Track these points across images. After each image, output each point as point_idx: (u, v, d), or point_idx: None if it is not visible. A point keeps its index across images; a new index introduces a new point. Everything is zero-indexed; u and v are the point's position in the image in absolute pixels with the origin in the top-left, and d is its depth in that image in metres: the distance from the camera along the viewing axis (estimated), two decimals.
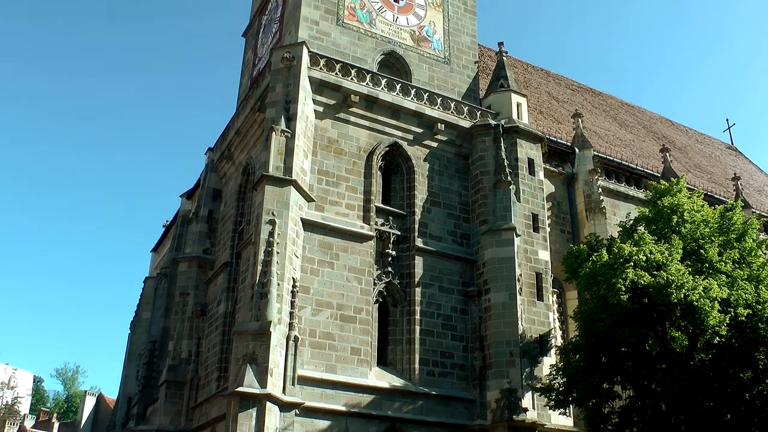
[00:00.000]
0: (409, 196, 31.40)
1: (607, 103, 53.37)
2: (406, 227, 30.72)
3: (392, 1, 35.78)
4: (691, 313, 23.94)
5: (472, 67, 36.59)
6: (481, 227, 31.49)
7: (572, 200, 36.56)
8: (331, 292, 27.94)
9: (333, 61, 31.51)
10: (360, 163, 30.78)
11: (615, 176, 39.44)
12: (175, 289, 36.51)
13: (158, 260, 49.27)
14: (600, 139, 42.84)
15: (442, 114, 33.05)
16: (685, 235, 27.14)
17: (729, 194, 43.76)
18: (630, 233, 28.45)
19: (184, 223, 39.46)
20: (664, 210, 28.23)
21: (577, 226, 35.92)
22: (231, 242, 33.35)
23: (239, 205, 33.86)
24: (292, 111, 28.83)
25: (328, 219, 28.96)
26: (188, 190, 41.77)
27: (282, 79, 29.69)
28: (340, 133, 30.90)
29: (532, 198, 32.70)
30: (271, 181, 27.06)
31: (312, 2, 33.41)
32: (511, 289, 29.63)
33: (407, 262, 30.14)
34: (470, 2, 38.47)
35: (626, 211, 36.30)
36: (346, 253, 28.84)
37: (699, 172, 49.05)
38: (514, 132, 33.38)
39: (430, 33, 36.11)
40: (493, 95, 35.12)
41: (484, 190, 32.16)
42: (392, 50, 34.51)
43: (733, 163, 57.43)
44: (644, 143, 48.44)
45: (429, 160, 32.47)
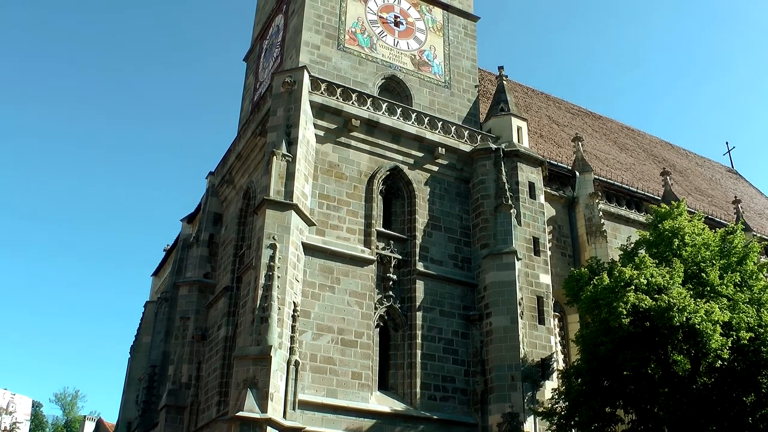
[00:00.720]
0: (410, 220, 31.40)
1: (607, 127, 53.49)
2: (407, 251, 30.69)
3: (393, 26, 35.99)
4: (693, 337, 23.88)
5: (472, 91, 36.72)
6: (482, 251, 31.46)
7: (573, 224, 36.54)
8: (331, 316, 27.87)
9: (334, 86, 31.63)
10: (361, 188, 30.81)
11: (616, 200, 39.46)
12: (175, 314, 36.41)
13: (159, 284, 49.20)
14: (600, 163, 42.89)
15: (442, 138, 33.12)
16: (686, 259, 27.11)
17: (730, 217, 43.76)
18: (631, 257, 28.40)
19: (185, 247, 39.44)
20: (665, 233, 28.22)
21: (578, 250, 35.89)
22: (232, 266, 33.30)
23: (240, 230, 33.84)
24: (293, 135, 28.90)
25: (329, 243, 28.94)
26: (189, 215, 41.81)
27: (283, 103, 29.78)
28: (341, 157, 30.95)
29: (533, 222, 32.69)
30: (272, 206, 27.07)
31: (313, 27, 33.61)
32: (512, 313, 29.56)
33: (408, 286, 30.08)
34: (470, 27, 38.69)
35: (627, 234, 36.26)
36: (347, 278, 28.79)
37: (699, 196, 49.08)
38: (515, 156, 33.42)
39: (431, 57, 36.28)
40: (494, 119, 35.22)
41: (485, 213, 32.16)
42: (393, 74, 34.66)
43: (733, 186, 57.47)
44: (645, 166, 48.49)
45: (430, 184, 32.50)
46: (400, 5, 36.87)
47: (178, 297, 36.36)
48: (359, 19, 35.16)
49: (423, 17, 37.24)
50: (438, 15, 37.87)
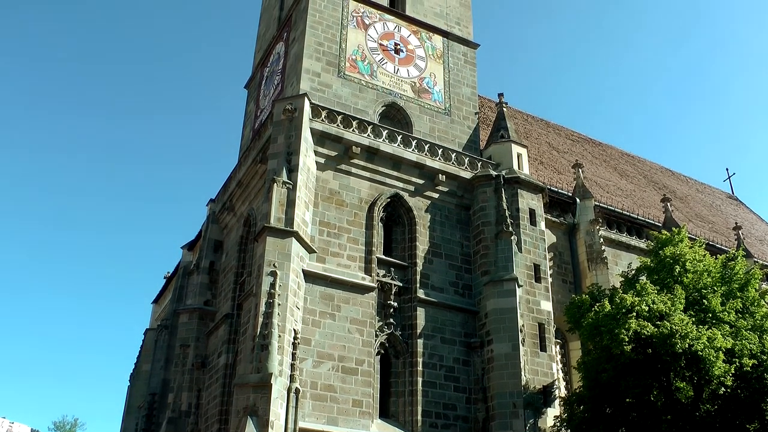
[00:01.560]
0: (410, 247, 31.36)
1: (608, 154, 53.57)
2: (407, 278, 30.63)
3: (393, 53, 36.15)
4: (695, 363, 23.80)
5: (472, 118, 36.82)
6: (483, 278, 31.39)
7: (574, 250, 36.51)
8: (332, 343, 27.75)
9: (334, 113, 31.72)
10: (361, 215, 30.80)
11: (616, 226, 39.45)
12: (175, 341, 36.26)
13: (159, 312, 49.04)
14: (601, 189, 42.92)
15: (443, 165, 33.16)
16: (687, 285, 27.08)
17: (731, 244, 43.71)
18: (632, 283, 28.36)
19: (186, 274, 39.34)
20: (666, 260, 28.21)
21: (579, 276, 35.84)
22: (232, 294, 33.24)
23: (240, 257, 33.82)
24: (294, 162, 28.94)
25: (329, 270, 28.89)
26: (189, 242, 41.77)
27: (284, 130, 29.85)
28: (342, 184, 30.98)
29: (534, 248, 32.64)
30: (273, 233, 27.05)
31: (314, 54, 33.77)
32: (513, 340, 29.42)
33: (409, 314, 29.97)
34: (470, 54, 38.87)
35: (628, 261, 36.28)
36: (348, 305, 28.72)
37: (700, 222, 49.06)
38: (515, 182, 33.44)
39: (431, 84, 36.40)
40: (494, 146, 35.28)
41: (486, 240, 32.13)
42: (393, 102, 34.77)
43: (734, 212, 57.47)
44: (645, 193, 48.53)
45: (430, 211, 32.50)
46: (401, 33, 37.07)
47: (178, 324, 36.23)
48: (360, 46, 35.34)
49: (423, 45, 37.43)
50: (438, 42, 38.06)
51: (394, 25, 37.13)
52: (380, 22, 36.73)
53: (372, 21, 36.50)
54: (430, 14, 39.01)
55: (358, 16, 36.20)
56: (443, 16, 39.39)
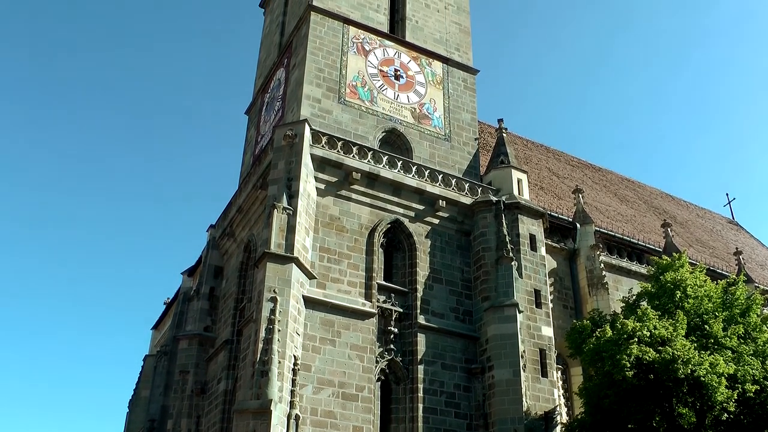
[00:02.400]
0: (411, 273, 31.31)
1: (607, 179, 53.65)
2: (408, 304, 30.55)
3: (393, 79, 36.28)
4: (698, 389, 23.69)
5: (472, 143, 36.89)
6: (484, 303, 31.31)
7: (574, 276, 36.47)
8: (332, 369, 27.63)
9: (335, 139, 31.78)
10: (362, 240, 30.78)
11: (617, 251, 39.44)
12: (175, 367, 36.11)
13: (158, 338, 48.88)
14: (601, 215, 42.93)
15: (443, 191, 33.18)
16: (688, 311, 27.03)
17: (731, 269, 43.68)
18: (633, 309, 28.32)
19: (185, 300, 39.24)
20: (667, 285, 28.17)
21: (580, 302, 35.78)
22: (232, 320, 33.16)
23: (241, 283, 33.77)
24: (294, 188, 28.95)
25: (329, 296, 28.81)
26: (189, 268, 41.71)
27: (284, 156, 29.90)
28: (342, 210, 30.97)
29: (534, 274, 32.56)
30: (273, 259, 27.00)
31: (314, 80, 33.89)
32: (514, 366, 29.28)
33: (409, 340, 29.86)
34: (470, 80, 39.03)
35: (628, 286, 36.20)
36: (348, 331, 28.62)
37: (701, 247, 49.04)
38: (516, 208, 33.44)
39: (431, 110, 36.50)
40: (494, 171, 35.31)
41: (486, 266, 32.08)
42: (393, 127, 34.84)
43: (734, 237, 57.47)
44: (645, 218, 48.54)
45: (431, 237, 32.48)
46: (401, 59, 37.23)
47: (177, 350, 36.11)
48: (360, 72, 35.48)
49: (423, 71, 37.58)
50: (438, 68, 38.22)
51: (394, 51, 37.31)
52: (380, 48, 36.91)
53: (372, 47, 36.68)
54: (430, 40, 39.22)
55: (359, 43, 36.38)
56: (443, 42, 39.60)
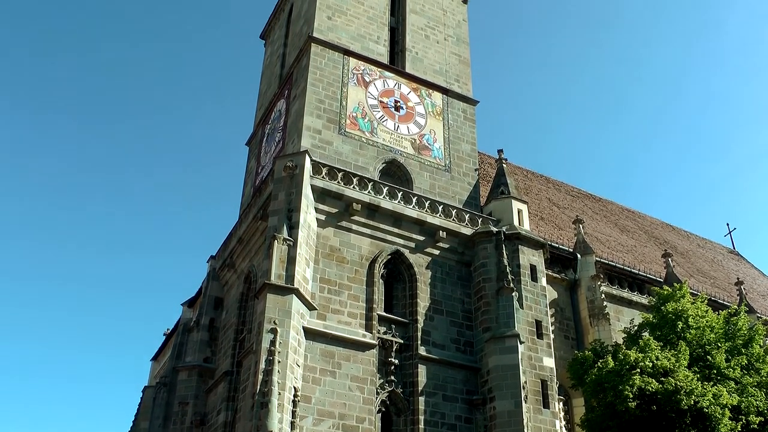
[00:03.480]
0: (411, 304, 31.23)
1: (608, 209, 53.70)
2: (408, 335, 30.44)
3: (393, 110, 36.42)
4: (701, 421, 23.57)
5: (472, 174, 36.95)
6: (485, 334, 31.18)
7: (575, 306, 36.38)
8: (332, 401, 27.47)
9: (335, 170, 31.84)
10: (362, 272, 30.73)
11: (618, 282, 39.39)
12: (174, 399, 35.88)
13: (158, 369, 48.66)
14: (602, 245, 42.92)
15: (443, 221, 33.19)
16: (690, 341, 26.97)
17: (733, 299, 43.59)
18: (635, 339, 28.27)
19: (185, 331, 39.09)
20: (669, 316, 28.14)
21: (581, 333, 35.67)
22: (232, 351, 33.03)
23: (241, 314, 33.68)
24: (295, 219, 28.96)
25: (330, 327, 28.71)
26: (190, 299, 41.61)
27: (284, 187, 29.94)
28: (342, 241, 30.96)
29: (535, 304, 32.47)
30: (273, 290, 26.94)
31: (314, 111, 34.01)
32: (516, 397, 29.09)
33: (410, 371, 29.72)
34: (470, 111, 39.18)
35: (630, 316, 36.11)
36: (349, 362, 28.49)
37: (702, 277, 48.97)
38: (516, 239, 33.41)
39: (431, 141, 36.61)
40: (494, 202, 35.33)
41: (487, 297, 31.99)
42: (393, 158, 34.91)
43: (735, 267, 57.42)
44: (646, 248, 48.52)
45: (431, 268, 32.44)
46: (401, 90, 37.40)
47: (177, 382, 35.91)
48: (360, 103, 35.62)
49: (423, 101, 37.74)
50: (438, 99, 38.38)
51: (394, 82, 37.49)
52: (380, 80, 37.09)
53: (372, 78, 36.86)
54: (430, 71, 39.43)
55: (359, 74, 36.56)
56: (443, 73, 39.81)
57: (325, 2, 38.33)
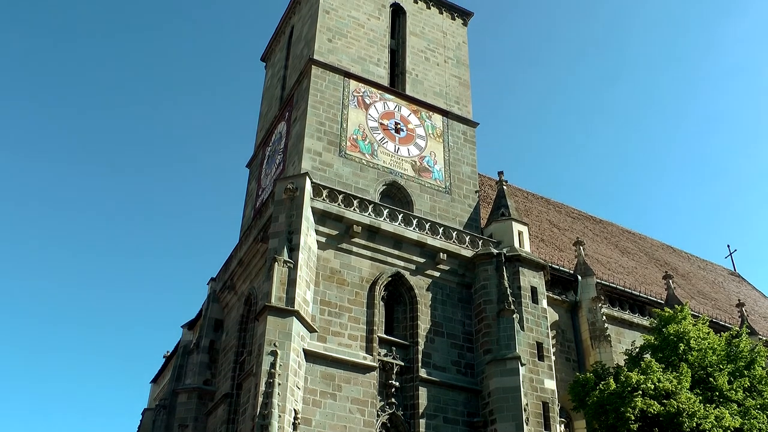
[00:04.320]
0: (412, 326, 31.15)
1: (608, 231, 53.68)
2: (409, 357, 30.35)
3: (393, 132, 36.50)
4: None
5: (473, 196, 36.97)
6: (486, 357, 31.09)
7: (576, 328, 36.29)
8: (333, 424, 27.35)
9: (335, 192, 31.87)
10: (362, 294, 30.67)
11: (619, 304, 39.31)
12: (174, 421, 35.73)
13: (157, 391, 48.52)
14: (602, 267, 42.87)
15: (444, 243, 33.16)
16: (692, 363, 26.89)
17: (734, 321, 43.48)
18: (636, 361, 28.18)
19: (185, 353, 39.02)
20: (670, 338, 28.09)
21: (583, 354, 35.54)
22: (232, 373, 32.91)
23: (241, 336, 33.59)
24: (295, 241, 28.95)
25: (330, 350, 28.63)
26: (190, 321, 41.57)
27: (285, 209, 29.95)
28: (343, 263, 30.93)
29: (536, 326, 32.38)
30: (273, 312, 26.89)
31: (315, 134, 34.09)
32: (517, 419, 28.95)
33: (411, 393, 29.60)
34: (470, 133, 39.27)
35: (631, 338, 36.02)
36: (349, 384, 28.39)
37: (703, 299, 48.87)
38: (516, 260, 33.37)
39: (431, 163, 36.66)
40: (495, 224, 35.32)
41: (488, 319, 31.91)
42: (394, 180, 34.95)
43: (736, 289, 57.32)
44: (647, 270, 48.46)
45: (432, 290, 32.38)
46: (401, 112, 37.50)
47: (176, 404, 35.77)
48: (360, 126, 35.71)
49: (423, 124, 37.83)
50: (438, 121, 38.48)
51: (394, 104, 37.60)
52: (381, 102, 37.20)
53: (373, 101, 36.98)
54: (430, 93, 39.56)
55: (359, 96, 36.69)
56: (443, 96, 39.94)
57: (325, 24, 38.56)
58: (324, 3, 39.42)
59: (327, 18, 39.01)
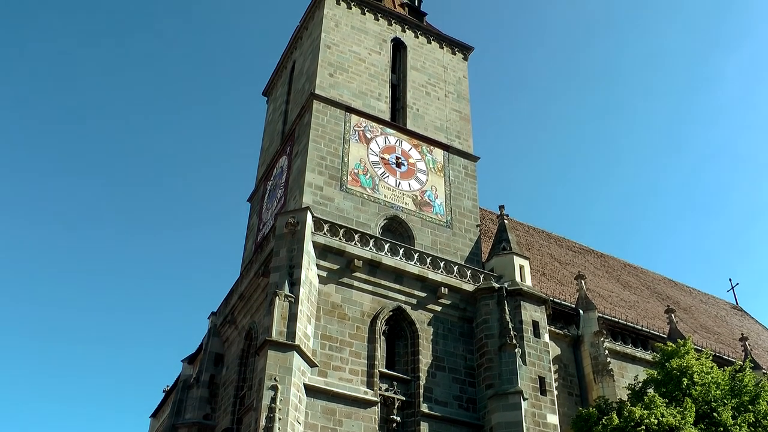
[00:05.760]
0: (413, 360, 31.02)
1: (609, 264, 53.61)
2: (410, 392, 30.18)
3: (394, 167, 36.60)
4: None
5: (474, 230, 36.98)
6: (488, 391, 30.90)
7: (579, 362, 36.10)
8: None
9: (337, 226, 31.89)
10: (364, 328, 30.58)
11: (621, 338, 39.14)
12: None
13: (157, 426, 48.23)
14: (604, 301, 42.75)
15: (445, 278, 33.11)
16: (696, 398, 26.72)
17: (737, 355, 43.25)
18: (640, 396, 28.01)
19: (185, 388, 38.80)
20: (673, 372, 27.94)
21: (585, 389, 35.32)
22: (232, 408, 32.73)
23: (241, 370, 33.45)
24: (296, 276, 28.92)
25: (331, 384, 28.48)
26: (190, 355, 41.37)
27: (286, 243, 29.96)
28: (344, 297, 30.87)
29: (538, 361, 32.22)
30: (274, 346, 26.80)
31: (316, 168, 34.18)
32: None
33: (412, 428, 29.39)
34: (471, 167, 39.37)
35: (634, 372, 35.83)
36: (350, 419, 28.19)
37: (705, 333, 48.67)
38: (518, 294, 33.29)
39: (432, 197, 36.71)
40: (496, 258, 35.29)
41: (490, 353, 31.77)
42: (395, 215, 34.98)
43: (739, 323, 57.09)
44: (648, 304, 48.32)
45: (433, 324, 32.28)
46: (402, 146, 37.63)
47: None
48: (361, 160, 35.81)
49: (424, 158, 37.95)
50: (439, 156, 38.60)
51: (395, 138, 37.74)
52: (382, 136, 37.36)
53: (374, 135, 37.13)
54: (431, 128, 39.73)
55: (360, 131, 36.84)
56: (443, 130, 40.11)
57: (327, 59, 38.84)
58: (325, 38, 39.75)
59: (328, 53, 39.31)
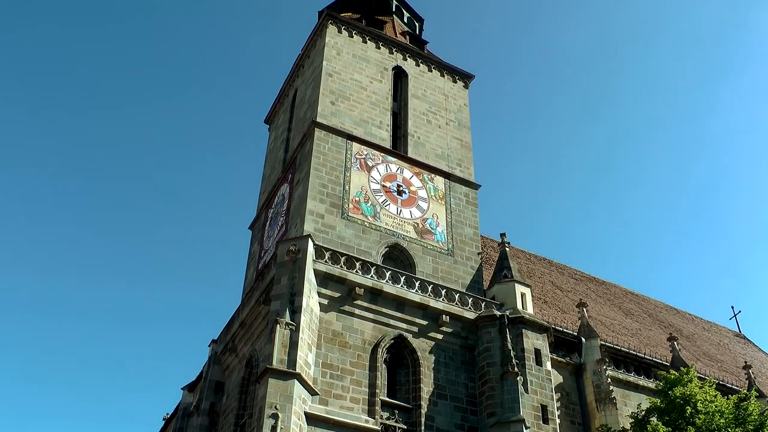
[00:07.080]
0: (415, 389, 30.85)
1: (611, 292, 53.47)
2: (412, 421, 29.99)
3: (396, 195, 36.64)
4: None
5: (475, 258, 36.95)
6: (489, 419, 30.71)
7: (581, 390, 35.89)
8: None
9: (338, 254, 31.86)
10: (365, 356, 30.45)
11: (623, 366, 38.93)
12: None
13: None
14: (606, 329, 42.58)
15: (446, 306, 33.02)
16: (700, 426, 26.56)
17: (741, 383, 43.00)
18: (643, 424, 27.84)
19: (185, 416, 38.61)
20: (677, 400, 27.78)
21: (588, 417, 35.09)
22: None
23: (242, 398, 33.25)
24: (297, 304, 28.86)
25: (332, 413, 28.31)
26: (190, 383, 41.19)
27: (287, 271, 29.92)
28: (345, 325, 30.78)
29: (541, 389, 32.06)
30: (275, 374, 26.68)
31: (317, 196, 34.22)
32: None
33: None
34: (472, 195, 39.42)
35: (637, 401, 35.61)
36: None
37: (709, 361, 48.44)
38: (520, 322, 33.19)
39: (434, 225, 36.71)
40: (497, 286, 35.22)
41: (491, 381, 31.62)
42: (396, 243, 34.97)
43: (742, 350, 56.83)
44: (651, 332, 48.13)
45: (434, 352, 32.15)
46: (403, 174, 37.69)
47: None
48: (363, 188, 35.86)
49: (425, 186, 37.99)
50: (440, 184, 38.65)
51: (396, 166, 37.82)
52: (383, 164, 37.43)
53: (375, 163, 37.20)
54: (432, 156, 39.82)
55: (362, 159, 36.92)
56: (444, 158, 40.20)
57: (328, 87, 39.02)
58: (327, 66, 39.96)
59: (330, 81, 39.50)
